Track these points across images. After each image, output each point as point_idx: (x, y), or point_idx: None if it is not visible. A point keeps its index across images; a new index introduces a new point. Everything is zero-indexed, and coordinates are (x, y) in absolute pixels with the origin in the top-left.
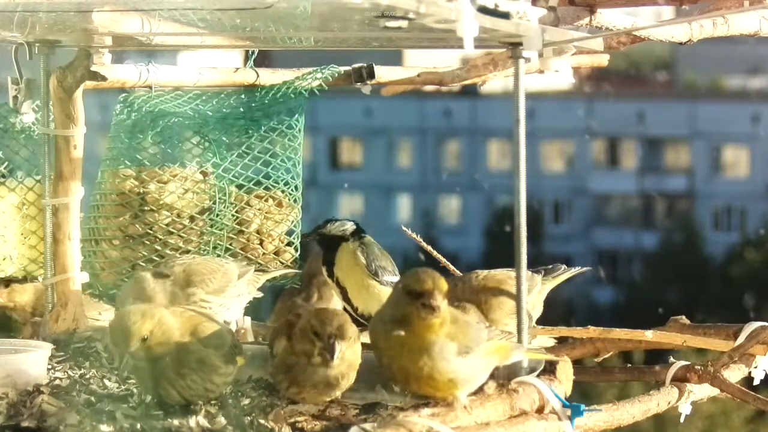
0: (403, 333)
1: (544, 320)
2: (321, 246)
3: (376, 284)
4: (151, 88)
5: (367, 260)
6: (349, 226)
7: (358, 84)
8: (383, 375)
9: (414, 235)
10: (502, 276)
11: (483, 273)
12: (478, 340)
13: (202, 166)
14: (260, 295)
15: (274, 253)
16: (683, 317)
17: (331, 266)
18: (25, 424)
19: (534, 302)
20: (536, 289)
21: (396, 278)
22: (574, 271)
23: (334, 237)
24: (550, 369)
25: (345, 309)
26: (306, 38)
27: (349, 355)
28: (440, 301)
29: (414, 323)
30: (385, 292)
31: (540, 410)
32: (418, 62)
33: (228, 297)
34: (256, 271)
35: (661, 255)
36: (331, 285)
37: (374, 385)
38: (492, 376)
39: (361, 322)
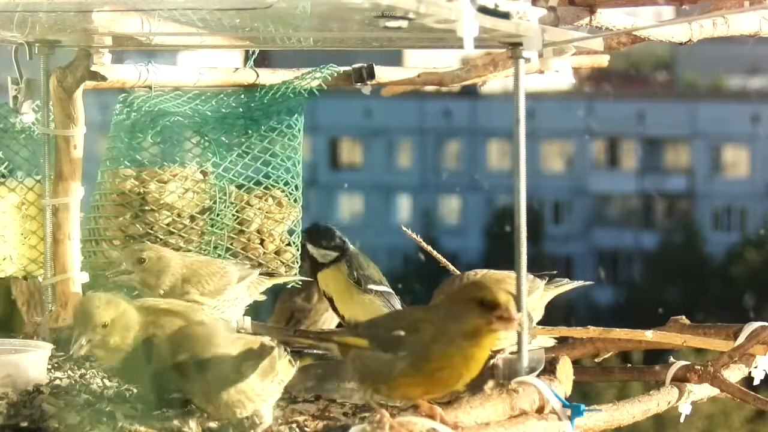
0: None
1: (545, 320)
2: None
3: (360, 293)
4: (151, 88)
5: (350, 269)
6: (331, 257)
7: (358, 84)
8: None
9: (414, 235)
10: (501, 276)
11: (482, 272)
12: None
13: (202, 165)
14: (263, 298)
15: (275, 253)
16: (683, 317)
17: (315, 278)
18: (24, 424)
19: (534, 305)
20: (537, 293)
21: (382, 287)
22: (578, 283)
23: (316, 262)
24: (550, 369)
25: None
26: (306, 38)
27: None
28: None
29: (483, 336)
30: (369, 301)
31: (540, 410)
32: (418, 62)
33: (224, 300)
34: (261, 275)
35: (661, 255)
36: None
37: None
38: (492, 376)
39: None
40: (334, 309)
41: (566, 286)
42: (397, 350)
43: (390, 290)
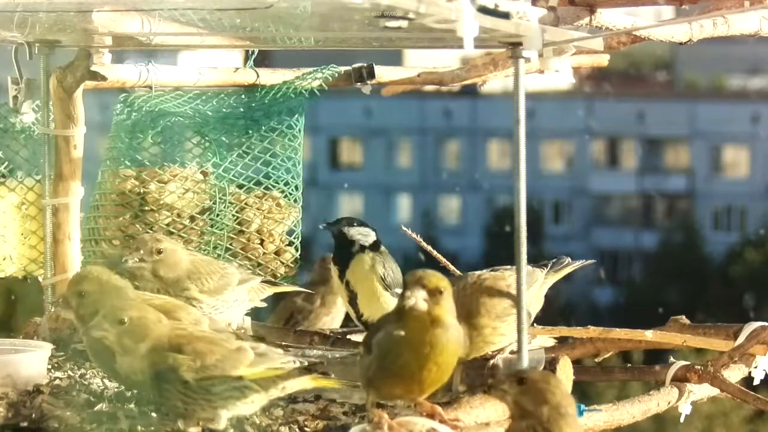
0: (402, 333)
1: (545, 320)
2: (335, 240)
3: (386, 294)
4: (151, 88)
5: (385, 271)
6: (372, 237)
7: (358, 84)
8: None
9: (414, 235)
10: (496, 277)
11: (475, 275)
12: None
13: (202, 166)
14: (263, 305)
15: (275, 253)
16: (683, 317)
17: (343, 268)
18: (24, 424)
19: (533, 298)
20: (536, 285)
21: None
22: (577, 264)
23: (352, 242)
24: (550, 369)
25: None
26: (306, 38)
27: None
28: (417, 295)
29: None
30: (393, 304)
31: None
32: (418, 62)
33: (223, 300)
34: (263, 282)
35: (661, 255)
36: (339, 286)
37: None
38: (492, 376)
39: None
40: (353, 304)
41: (566, 268)
42: (370, 352)
43: None
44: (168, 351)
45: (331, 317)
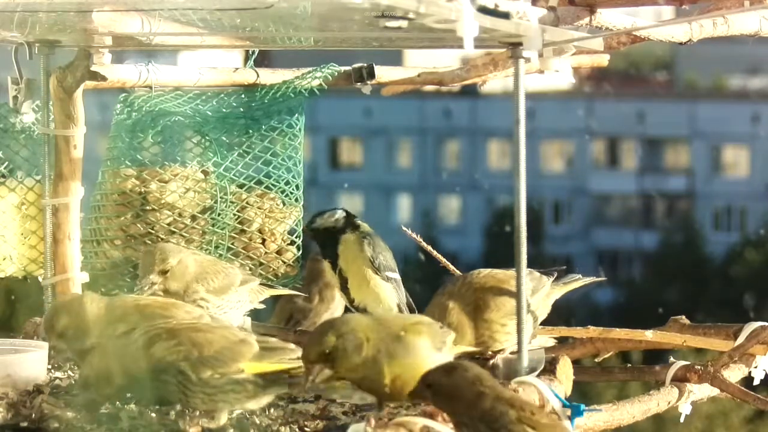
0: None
1: (545, 320)
2: (317, 241)
3: (376, 278)
4: (151, 88)
5: (373, 253)
6: (339, 215)
7: (358, 84)
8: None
9: (414, 235)
10: (504, 276)
11: (485, 272)
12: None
13: (202, 165)
14: (262, 307)
15: (276, 253)
16: (683, 317)
17: (335, 259)
18: (24, 424)
19: (539, 304)
20: (543, 292)
21: (395, 274)
22: (588, 280)
23: (327, 230)
24: (550, 369)
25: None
26: (306, 38)
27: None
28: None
29: None
30: (383, 287)
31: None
32: (418, 62)
33: (228, 300)
34: (261, 284)
35: (661, 255)
36: (332, 276)
37: None
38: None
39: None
40: (345, 291)
41: (575, 283)
42: None
43: (399, 277)
44: (162, 341)
45: (330, 313)
